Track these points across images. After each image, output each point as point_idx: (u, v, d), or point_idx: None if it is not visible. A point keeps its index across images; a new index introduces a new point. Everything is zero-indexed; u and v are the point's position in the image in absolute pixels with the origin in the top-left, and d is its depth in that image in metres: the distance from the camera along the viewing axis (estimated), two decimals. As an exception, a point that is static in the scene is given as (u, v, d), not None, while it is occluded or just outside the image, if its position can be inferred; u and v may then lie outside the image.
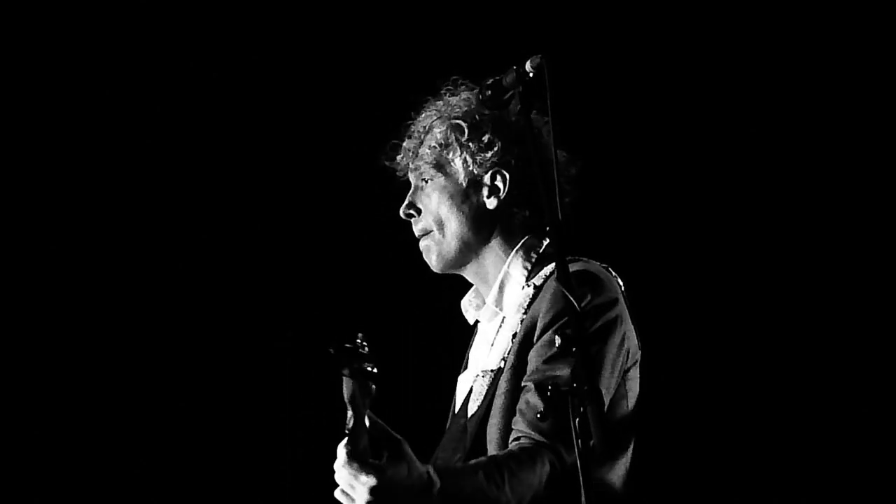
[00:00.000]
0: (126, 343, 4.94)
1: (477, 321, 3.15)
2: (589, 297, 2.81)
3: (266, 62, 5.01)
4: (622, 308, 2.88)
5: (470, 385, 2.98)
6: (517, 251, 3.01)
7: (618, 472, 2.88)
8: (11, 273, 4.91)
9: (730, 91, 4.78)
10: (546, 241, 3.02)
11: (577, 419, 2.37)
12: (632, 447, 2.92)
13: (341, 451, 2.52)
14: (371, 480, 2.48)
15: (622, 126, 4.79)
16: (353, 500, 2.52)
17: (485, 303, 3.07)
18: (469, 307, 3.13)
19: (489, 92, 2.66)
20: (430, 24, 4.87)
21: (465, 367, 3.13)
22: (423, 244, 3.09)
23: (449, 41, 4.78)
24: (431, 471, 2.56)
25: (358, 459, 2.49)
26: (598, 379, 2.76)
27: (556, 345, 2.47)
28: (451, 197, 3.04)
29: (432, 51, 4.73)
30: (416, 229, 3.10)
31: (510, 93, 2.63)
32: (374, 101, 4.77)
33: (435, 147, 3.05)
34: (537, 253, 3.01)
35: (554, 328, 2.79)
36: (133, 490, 4.90)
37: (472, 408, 2.92)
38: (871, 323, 4.66)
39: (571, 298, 2.44)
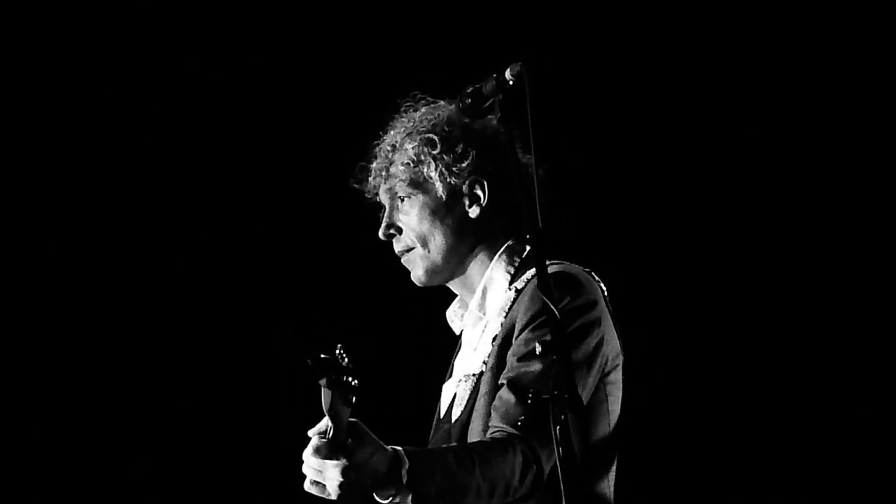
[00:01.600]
0: (126, 343, 4.96)
1: (462, 331, 3.13)
2: (568, 299, 2.81)
3: (266, 62, 5.01)
4: (601, 310, 2.87)
5: (454, 391, 2.98)
6: (500, 256, 3.00)
7: (603, 478, 2.87)
8: (11, 273, 4.93)
9: (710, 94, 4.76)
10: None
11: (558, 427, 2.38)
12: (616, 453, 2.91)
13: (312, 442, 2.54)
14: (342, 462, 2.49)
15: (604, 131, 4.77)
16: (323, 487, 2.54)
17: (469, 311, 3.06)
18: (454, 317, 3.13)
19: (469, 100, 2.64)
20: (419, 29, 4.88)
21: (450, 376, 3.12)
22: (405, 260, 3.07)
23: (437, 45, 4.78)
24: (400, 451, 2.58)
25: (328, 447, 2.51)
26: (572, 381, 2.75)
27: (537, 353, 2.48)
28: (433, 212, 3.01)
29: (425, 53, 4.74)
30: (398, 247, 3.07)
31: (490, 101, 2.61)
32: (376, 104, 4.77)
33: (408, 164, 3.02)
34: (520, 257, 3.00)
35: (530, 328, 2.79)
36: (133, 490, 4.91)
37: (456, 412, 2.92)
38: (865, 324, 4.65)
39: (552, 307, 2.43)
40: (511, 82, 2.56)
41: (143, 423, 4.94)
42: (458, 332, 3.16)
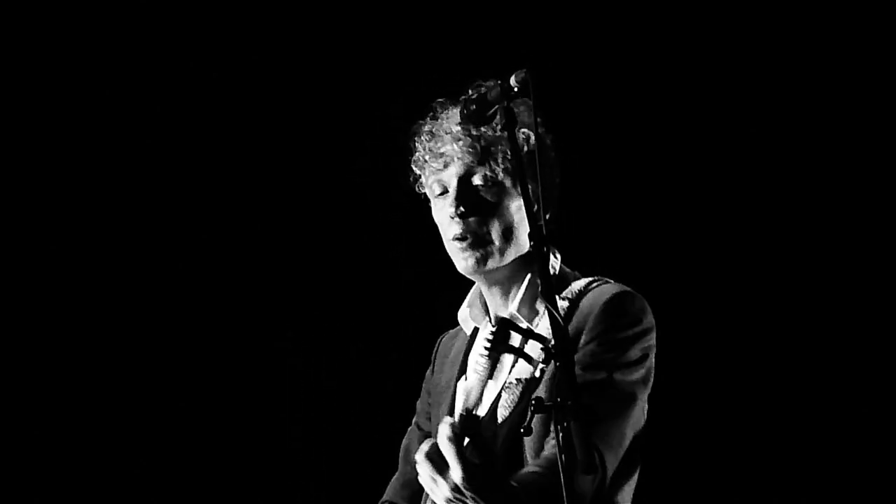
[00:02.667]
0: (126, 343, 4.95)
1: (476, 329, 3.11)
2: (638, 321, 2.88)
3: (266, 62, 5.01)
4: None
5: (494, 392, 2.93)
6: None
7: (625, 486, 2.91)
8: (11, 273, 4.93)
9: (711, 95, 4.75)
10: (558, 256, 3.03)
11: (561, 434, 2.38)
12: (639, 462, 2.96)
13: (445, 428, 2.50)
14: (457, 482, 2.50)
15: (606, 134, 4.77)
16: (434, 480, 2.53)
17: (487, 311, 3.05)
18: (468, 318, 3.09)
19: (473, 107, 2.64)
20: (425, 30, 4.88)
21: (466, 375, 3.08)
22: (467, 244, 2.94)
23: (438, 47, 4.79)
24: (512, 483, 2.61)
25: (458, 451, 2.49)
26: (635, 397, 2.84)
27: (539, 357, 2.49)
28: (522, 211, 2.92)
29: (425, 54, 4.74)
30: (465, 229, 2.94)
31: (494, 108, 2.60)
32: (377, 102, 4.78)
33: (512, 154, 2.88)
34: (555, 269, 3.00)
35: (597, 342, 2.83)
36: (133, 490, 4.91)
37: (503, 414, 2.89)
38: (863, 324, 4.65)
39: (556, 313, 2.43)
40: (516, 89, 2.54)
41: (142, 423, 4.94)
42: (469, 332, 3.12)
